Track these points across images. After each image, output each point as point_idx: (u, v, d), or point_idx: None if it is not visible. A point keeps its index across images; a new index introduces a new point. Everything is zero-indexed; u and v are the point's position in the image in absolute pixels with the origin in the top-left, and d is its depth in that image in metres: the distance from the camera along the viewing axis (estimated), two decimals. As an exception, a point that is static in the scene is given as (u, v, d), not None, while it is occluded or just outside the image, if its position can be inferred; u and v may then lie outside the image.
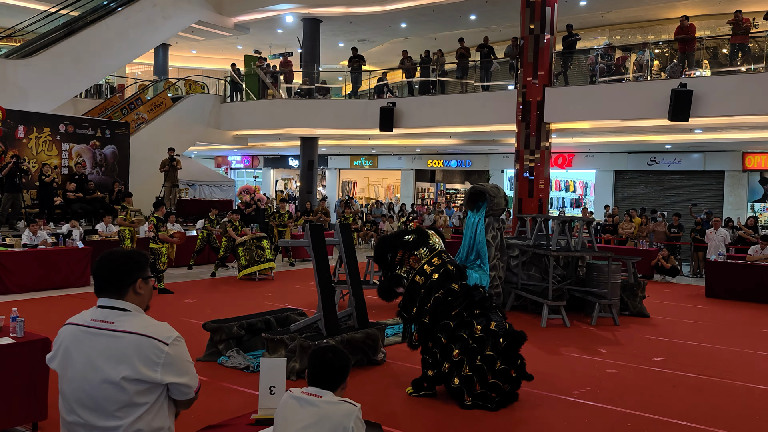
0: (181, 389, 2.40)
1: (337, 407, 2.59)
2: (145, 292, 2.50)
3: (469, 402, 5.62)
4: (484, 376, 5.57)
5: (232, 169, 32.41)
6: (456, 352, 5.62)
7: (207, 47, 26.33)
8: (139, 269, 2.48)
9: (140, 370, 2.31)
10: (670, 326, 9.78)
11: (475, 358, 5.60)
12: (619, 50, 18.51)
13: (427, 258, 5.98)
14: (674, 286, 14.46)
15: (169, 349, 2.35)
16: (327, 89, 21.46)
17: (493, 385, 5.60)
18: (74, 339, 2.42)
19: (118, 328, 2.36)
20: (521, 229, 12.58)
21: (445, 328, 5.74)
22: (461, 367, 5.61)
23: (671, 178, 21.70)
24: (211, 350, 7.06)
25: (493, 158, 25.08)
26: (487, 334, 5.67)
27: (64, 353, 2.42)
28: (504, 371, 5.62)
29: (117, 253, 2.50)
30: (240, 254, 13.03)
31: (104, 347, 2.34)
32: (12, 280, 10.62)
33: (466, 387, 5.60)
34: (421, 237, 6.08)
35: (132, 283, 2.44)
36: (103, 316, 2.40)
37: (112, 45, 18.13)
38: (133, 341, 2.33)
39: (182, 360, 2.40)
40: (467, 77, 18.89)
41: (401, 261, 6.08)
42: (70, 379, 2.39)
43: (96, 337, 2.37)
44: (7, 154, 14.15)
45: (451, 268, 5.95)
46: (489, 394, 5.60)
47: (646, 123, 15.73)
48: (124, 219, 12.38)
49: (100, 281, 2.45)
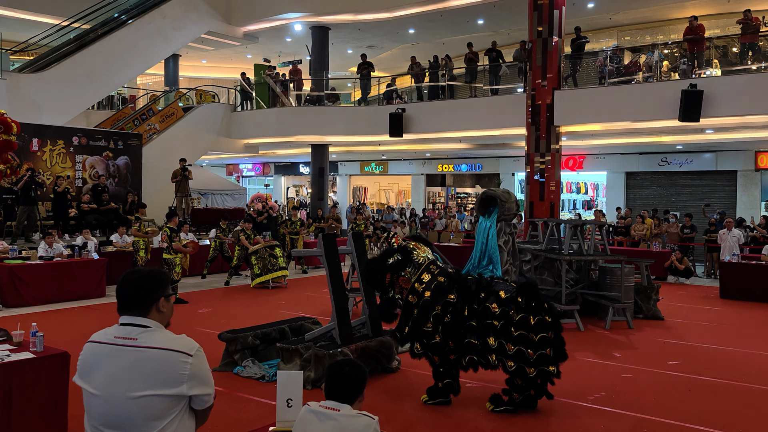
0: (203, 398, 2.46)
1: (356, 420, 2.63)
2: (167, 310, 2.55)
3: (518, 398, 5.61)
4: (528, 344, 5.45)
5: (244, 177, 32.57)
6: (491, 340, 5.55)
7: (217, 57, 26.52)
8: (162, 287, 2.54)
9: (166, 384, 2.36)
10: (684, 329, 9.74)
11: (510, 330, 5.48)
12: (628, 52, 18.49)
13: (416, 276, 5.87)
14: (688, 287, 14.38)
15: (193, 360, 2.41)
16: (336, 96, 21.56)
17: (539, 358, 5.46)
18: (99, 356, 2.47)
19: (142, 344, 2.41)
20: (533, 233, 12.57)
21: (471, 330, 5.65)
22: (505, 350, 5.49)
23: (683, 179, 21.59)
24: (226, 360, 7.12)
25: (503, 162, 25.07)
26: (503, 304, 5.57)
27: (90, 370, 2.48)
28: (540, 325, 5.46)
29: (140, 273, 2.56)
30: (253, 263, 13.11)
31: (129, 364, 2.39)
32: (29, 293, 10.75)
33: (517, 372, 5.49)
34: (405, 256, 5.95)
35: (155, 301, 2.50)
36: (126, 333, 2.45)
37: (124, 57, 18.34)
38: (158, 356, 2.39)
39: (205, 370, 2.47)
40: (476, 81, 18.92)
41: (391, 283, 5.98)
42: (95, 395, 2.43)
43: (121, 354, 2.42)
44: (22, 167, 14.32)
45: (441, 280, 5.81)
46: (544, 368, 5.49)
47: (656, 124, 15.69)
48: (138, 230, 12.51)
49: (124, 300, 2.51)
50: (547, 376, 5.51)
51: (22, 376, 4.78)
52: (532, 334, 5.43)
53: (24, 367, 4.80)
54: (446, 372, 5.85)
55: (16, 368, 4.76)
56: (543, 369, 5.44)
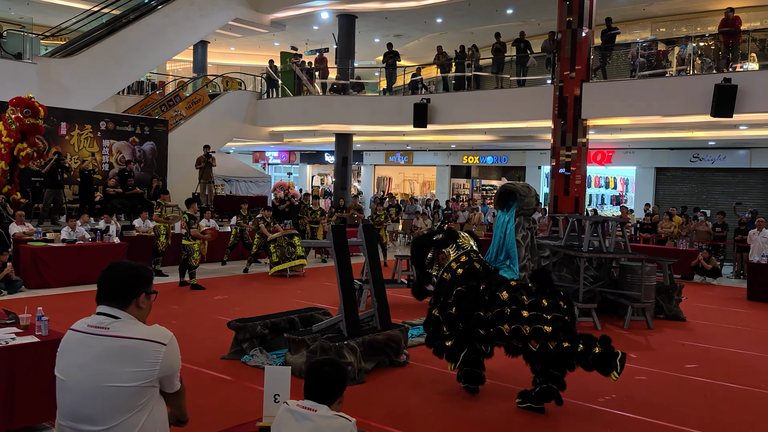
0: (172, 381, 2.49)
1: (332, 422, 2.56)
2: (146, 306, 2.54)
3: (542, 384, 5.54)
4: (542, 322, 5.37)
5: (270, 165, 32.73)
6: (506, 326, 5.49)
7: (245, 44, 26.61)
8: (145, 284, 2.53)
9: (134, 373, 2.35)
10: (706, 331, 9.49)
11: (521, 314, 5.43)
12: (661, 44, 18.02)
13: (455, 256, 6.08)
14: (715, 288, 14.03)
15: (166, 349, 2.42)
16: (361, 85, 21.47)
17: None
18: (73, 345, 2.47)
19: (114, 333, 2.40)
20: (554, 228, 12.37)
21: (480, 320, 5.62)
22: (522, 333, 5.42)
23: (715, 176, 21.05)
24: (235, 348, 7.13)
25: (529, 154, 24.75)
26: (514, 290, 5.56)
27: (65, 359, 2.47)
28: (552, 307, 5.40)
29: (125, 266, 2.55)
30: (271, 251, 13.14)
31: (99, 352, 2.38)
32: (51, 275, 10.93)
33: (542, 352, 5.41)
34: (450, 236, 6.23)
35: (136, 296, 2.49)
36: (99, 322, 2.45)
37: (152, 43, 18.48)
38: (128, 345, 2.38)
39: (177, 359, 2.49)
40: (503, 72, 18.64)
41: (432, 260, 6.24)
42: (66, 383, 2.42)
43: (91, 342, 2.40)
44: (50, 151, 14.55)
45: (477, 266, 5.92)
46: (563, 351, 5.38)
47: (688, 119, 15.29)
48: (160, 215, 12.62)
49: (104, 290, 2.50)
50: (571, 352, 5.35)
51: (26, 360, 4.82)
52: (544, 314, 5.38)
53: (28, 350, 4.84)
54: (466, 359, 5.85)
55: (21, 351, 4.81)
56: (560, 344, 5.32)
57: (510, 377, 6.48)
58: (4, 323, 5.37)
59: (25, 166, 13.35)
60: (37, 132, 13.10)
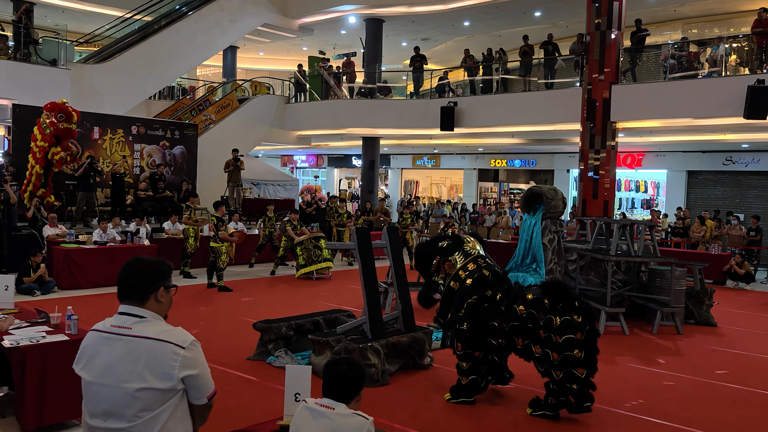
0: (197, 385, 2.44)
1: (349, 420, 2.58)
2: (166, 300, 2.55)
3: (553, 402, 5.42)
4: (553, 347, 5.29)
5: (298, 168, 32.96)
6: (520, 340, 5.47)
7: (273, 49, 26.86)
8: (162, 278, 2.54)
9: (156, 376, 2.37)
10: (738, 336, 9.29)
11: (538, 333, 5.35)
12: (692, 45, 17.74)
13: (462, 264, 5.94)
14: (748, 293, 13.74)
15: (185, 353, 2.40)
16: (389, 89, 21.51)
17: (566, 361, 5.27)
18: (96, 345, 2.50)
19: (136, 333, 2.42)
20: (581, 232, 12.24)
21: (495, 331, 5.59)
22: (532, 351, 5.39)
23: (749, 179, 20.60)
24: (260, 349, 7.20)
25: (558, 158, 24.52)
26: (531, 306, 5.44)
27: (88, 358, 2.51)
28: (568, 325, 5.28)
29: (142, 261, 2.57)
30: (298, 253, 13.23)
31: (122, 353, 2.41)
32: (82, 276, 11.16)
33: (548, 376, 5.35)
34: (456, 243, 6.05)
35: (154, 291, 2.50)
36: (121, 322, 2.47)
37: (182, 48, 18.78)
38: (150, 346, 2.39)
39: (199, 361, 2.45)
40: (530, 75, 18.52)
41: (437, 268, 6.08)
42: (91, 383, 2.47)
43: (115, 343, 2.44)
44: (83, 155, 14.86)
45: (486, 273, 5.83)
46: (568, 383, 5.31)
47: (720, 121, 15.01)
48: (189, 218, 12.80)
49: (123, 287, 2.53)
50: (578, 379, 5.30)
51: (56, 358, 4.93)
52: (556, 336, 5.26)
53: (58, 348, 4.95)
54: (471, 368, 5.74)
55: (51, 349, 4.92)
56: (570, 371, 5.25)
57: (538, 381, 6.42)
58: (35, 322, 5.51)
59: (59, 170, 13.66)
60: (71, 136, 13.40)
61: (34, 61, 16.08)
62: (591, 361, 5.37)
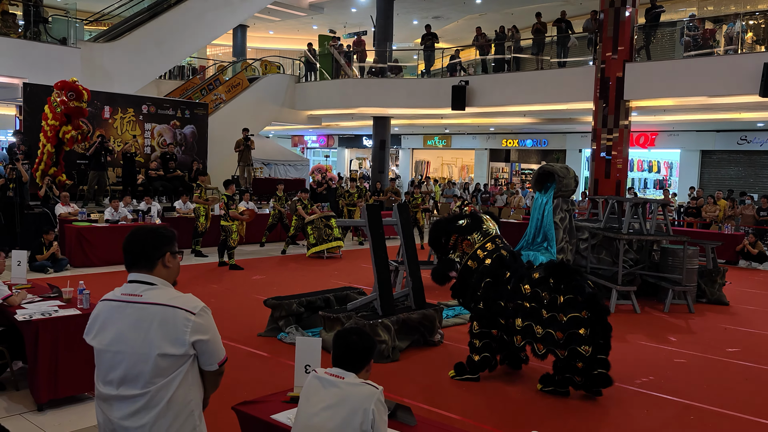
0: (208, 351, 2.44)
1: (359, 389, 2.58)
2: (173, 265, 2.56)
3: (559, 378, 5.41)
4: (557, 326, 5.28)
5: (308, 149, 32.93)
6: (519, 320, 5.47)
7: (283, 28, 26.70)
8: (167, 243, 2.54)
9: (168, 342, 2.38)
10: (750, 315, 9.23)
11: (540, 313, 5.35)
12: (708, 22, 17.45)
13: (480, 243, 5.89)
14: (761, 273, 13.63)
15: (196, 318, 2.41)
16: (399, 68, 21.35)
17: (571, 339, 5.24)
18: (107, 313, 2.50)
19: (146, 300, 2.43)
20: (593, 211, 12.16)
21: (502, 310, 5.60)
22: (533, 332, 5.39)
23: (764, 159, 20.38)
24: (271, 326, 7.23)
25: (570, 137, 24.34)
26: (536, 285, 5.44)
27: (99, 327, 2.52)
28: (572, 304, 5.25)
29: (145, 229, 2.58)
30: (309, 232, 13.25)
31: (134, 320, 2.42)
32: (94, 254, 11.23)
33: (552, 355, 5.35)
34: (475, 222, 5.98)
35: (161, 256, 2.51)
36: (132, 289, 2.48)
37: (192, 27, 18.68)
38: (161, 312, 2.40)
39: (210, 327, 2.46)
40: (543, 54, 18.31)
41: (454, 245, 6.03)
42: (104, 351, 2.48)
43: (126, 310, 2.45)
44: (94, 134, 14.89)
45: (504, 253, 5.81)
46: (572, 361, 5.30)
47: (735, 100, 14.82)
48: (199, 197, 12.82)
49: (130, 256, 2.53)
50: (583, 358, 5.27)
51: (69, 331, 4.97)
52: (561, 315, 5.24)
53: (70, 322, 4.99)
54: (484, 346, 5.74)
55: (63, 323, 4.96)
56: (574, 349, 5.22)
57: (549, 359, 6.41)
58: (47, 297, 5.55)
59: (70, 149, 13.70)
60: (81, 115, 13.41)
61: (44, 40, 16.05)
62: (603, 339, 5.34)
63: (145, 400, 2.38)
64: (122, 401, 2.42)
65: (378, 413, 2.53)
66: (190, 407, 2.46)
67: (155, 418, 2.39)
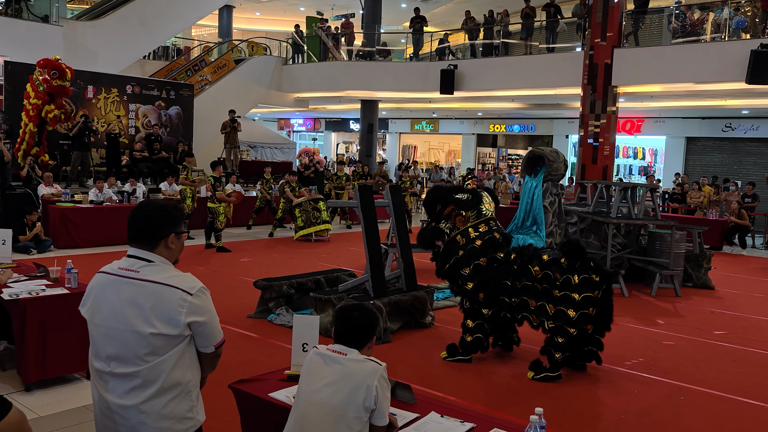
0: (204, 332, 2.38)
1: (362, 365, 2.54)
2: (176, 246, 2.48)
3: (559, 357, 5.38)
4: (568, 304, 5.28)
5: (295, 132, 32.70)
6: (533, 302, 5.48)
7: (270, 9, 26.39)
8: (173, 223, 2.46)
9: (162, 321, 2.31)
10: (736, 299, 9.33)
11: (552, 293, 5.36)
12: (697, 10, 17.48)
13: (474, 222, 5.82)
14: (745, 258, 13.79)
15: (193, 299, 2.34)
16: (388, 51, 21.20)
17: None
18: (103, 287, 2.44)
19: (143, 277, 2.36)
20: (582, 195, 12.20)
21: (506, 289, 5.60)
22: (546, 311, 5.39)
23: (748, 146, 20.54)
24: (261, 308, 7.18)
25: (557, 123, 24.37)
26: (546, 266, 5.43)
27: (94, 300, 2.45)
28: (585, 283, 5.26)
29: (153, 205, 2.49)
30: (297, 215, 13.17)
31: (129, 295, 2.35)
32: (79, 235, 11.09)
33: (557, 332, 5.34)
34: (475, 199, 5.90)
35: (165, 236, 2.43)
36: (129, 264, 2.41)
37: (177, 6, 18.39)
38: (157, 291, 2.34)
39: (207, 308, 2.40)
40: (532, 39, 18.26)
41: (448, 216, 5.94)
42: (97, 326, 2.41)
43: (122, 285, 2.38)
44: (77, 114, 14.64)
45: (497, 236, 5.78)
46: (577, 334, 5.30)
47: (721, 86, 14.88)
48: (186, 178, 12.68)
49: (133, 231, 2.45)
50: (586, 336, 5.30)
51: (57, 311, 4.89)
52: (575, 294, 5.25)
53: (58, 302, 4.90)
54: (477, 326, 5.74)
55: (51, 302, 4.87)
56: (583, 328, 5.26)
57: (541, 340, 6.43)
58: (34, 276, 5.45)
59: (53, 128, 13.45)
60: (65, 94, 13.15)
61: (25, 17, 15.71)
62: (603, 321, 5.39)
63: (139, 378, 2.33)
64: (116, 379, 2.36)
65: (381, 389, 2.50)
66: (187, 387, 2.41)
67: (150, 396, 2.33)
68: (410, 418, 2.86)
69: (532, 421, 2.47)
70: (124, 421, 2.36)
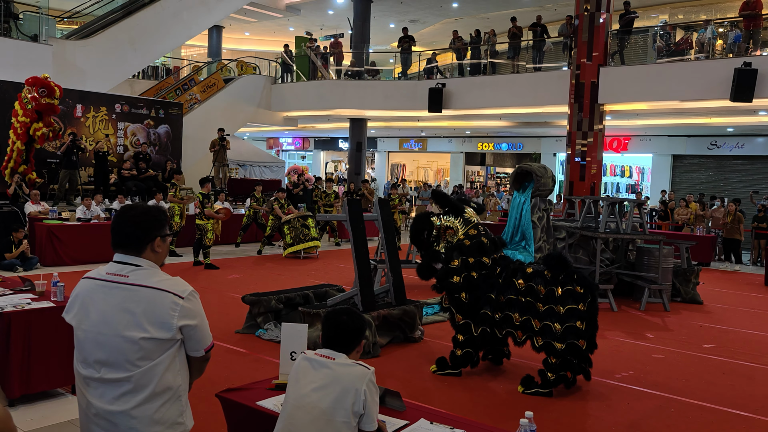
0: (195, 336, 2.38)
1: (350, 369, 2.53)
2: (163, 250, 2.47)
3: (552, 377, 5.32)
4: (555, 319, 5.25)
5: (284, 151, 32.74)
6: (516, 315, 5.43)
7: (260, 29, 26.55)
8: (159, 227, 2.45)
9: (154, 325, 2.29)
10: (724, 314, 9.37)
11: (536, 306, 5.31)
12: (680, 29, 17.75)
13: (464, 230, 5.84)
14: (732, 274, 13.88)
15: (184, 303, 2.33)
16: (377, 71, 21.35)
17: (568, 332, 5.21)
18: (90, 292, 2.40)
19: (133, 281, 2.34)
20: (570, 211, 12.26)
21: (489, 301, 5.56)
22: (532, 326, 5.35)
23: (733, 164, 20.77)
24: (249, 323, 7.13)
25: (544, 141, 24.56)
26: (530, 278, 5.40)
27: (80, 306, 2.42)
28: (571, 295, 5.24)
29: (137, 210, 2.47)
30: (285, 232, 13.14)
31: (119, 301, 2.33)
32: (66, 252, 10.99)
33: (547, 350, 5.30)
34: (457, 209, 5.92)
35: (151, 240, 2.42)
36: (118, 269, 2.39)
37: (167, 26, 18.45)
38: (149, 295, 2.32)
39: (198, 312, 2.39)
40: (519, 58, 18.46)
41: (437, 237, 5.95)
42: (85, 331, 2.38)
43: (111, 291, 2.35)
44: (65, 132, 14.60)
45: (485, 240, 5.77)
46: (569, 354, 5.26)
47: (706, 104, 15.08)
48: (174, 196, 12.63)
49: (118, 237, 2.43)
50: (578, 351, 5.28)
51: (42, 324, 4.83)
52: (559, 306, 5.23)
53: (44, 315, 4.85)
54: (467, 341, 5.71)
55: (37, 316, 4.81)
56: (572, 342, 5.22)
57: (533, 355, 6.41)
58: (20, 290, 5.39)
59: (41, 146, 13.40)
60: (53, 112, 13.12)
61: (14, 37, 15.70)
62: (591, 336, 5.36)
63: (130, 384, 2.30)
64: (106, 385, 2.33)
65: (370, 394, 2.48)
66: (178, 392, 2.39)
67: (141, 402, 2.30)
68: (399, 425, 2.84)
69: (522, 425, 2.45)
70: (114, 427, 2.32)
